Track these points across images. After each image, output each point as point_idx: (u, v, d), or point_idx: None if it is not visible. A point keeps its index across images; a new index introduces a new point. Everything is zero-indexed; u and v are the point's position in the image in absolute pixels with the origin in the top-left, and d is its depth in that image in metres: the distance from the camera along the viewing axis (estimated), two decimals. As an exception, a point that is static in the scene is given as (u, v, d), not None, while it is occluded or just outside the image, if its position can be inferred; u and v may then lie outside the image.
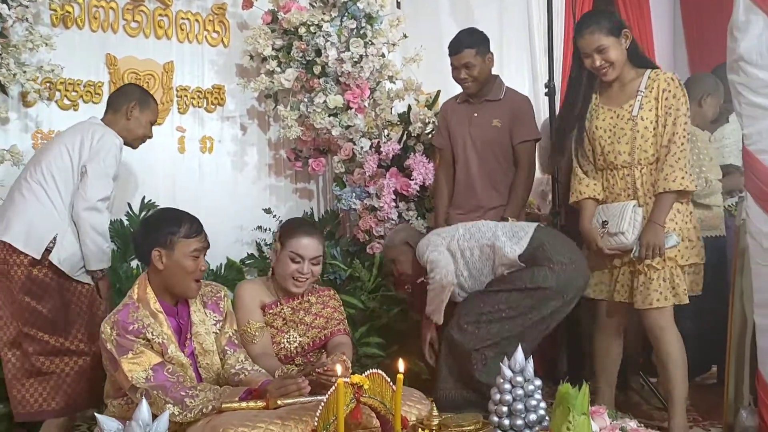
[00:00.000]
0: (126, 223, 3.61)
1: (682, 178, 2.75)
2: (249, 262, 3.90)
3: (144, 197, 3.68)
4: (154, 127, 3.65)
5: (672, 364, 2.81)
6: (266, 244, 3.96)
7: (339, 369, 1.83)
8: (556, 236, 3.01)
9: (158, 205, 3.62)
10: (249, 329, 2.52)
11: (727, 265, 3.36)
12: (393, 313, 3.67)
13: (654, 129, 2.82)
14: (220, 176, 3.98)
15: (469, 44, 3.31)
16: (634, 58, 2.89)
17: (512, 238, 2.89)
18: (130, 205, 3.63)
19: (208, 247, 2.36)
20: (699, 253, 2.84)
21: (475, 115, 3.37)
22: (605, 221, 2.87)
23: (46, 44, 3.18)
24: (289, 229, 2.66)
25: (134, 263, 3.59)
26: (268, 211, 3.95)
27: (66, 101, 3.51)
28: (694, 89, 3.32)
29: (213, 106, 3.95)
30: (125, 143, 3.05)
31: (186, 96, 3.86)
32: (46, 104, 3.41)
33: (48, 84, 3.40)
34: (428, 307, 2.97)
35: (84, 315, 2.84)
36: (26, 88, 3.19)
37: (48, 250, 2.76)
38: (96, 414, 1.58)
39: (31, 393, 2.71)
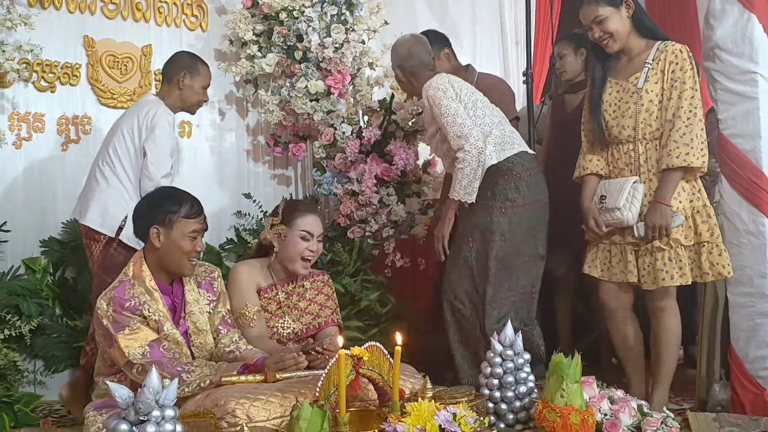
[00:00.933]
0: (104, 207, 3.57)
1: (686, 154, 2.59)
2: (228, 247, 3.90)
3: (122, 181, 3.64)
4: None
5: (666, 344, 2.74)
6: (245, 230, 3.96)
7: (340, 340, 1.86)
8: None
9: (137, 189, 3.59)
10: (247, 313, 2.51)
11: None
12: (373, 297, 3.72)
13: (659, 103, 2.68)
14: (198, 161, 3.97)
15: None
16: (642, 28, 2.75)
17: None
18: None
19: (206, 229, 2.37)
20: (711, 231, 2.64)
21: None
22: (603, 196, 2.78)
23: (25, 23, 3.13)
24: (294, 210, 2.65)
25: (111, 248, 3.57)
26: (248, 196, 3.95)
27: (43, 82, 3.46)
28: None
29: (191, 90, 3.92)
30: (184, 110, 3.20)
31: (164, 79, 3.83)
32: (23, 85, 3.36)
33: (25, 65, 3.34)
34: (457, 190, 2.83)
35: None
36: (5, 68, 3.13)
37: (120, 229, 2.94)
38: (108, 382, 1.58)
39: None
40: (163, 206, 2.31)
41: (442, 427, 1.78)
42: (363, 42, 3.80)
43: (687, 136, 2.59)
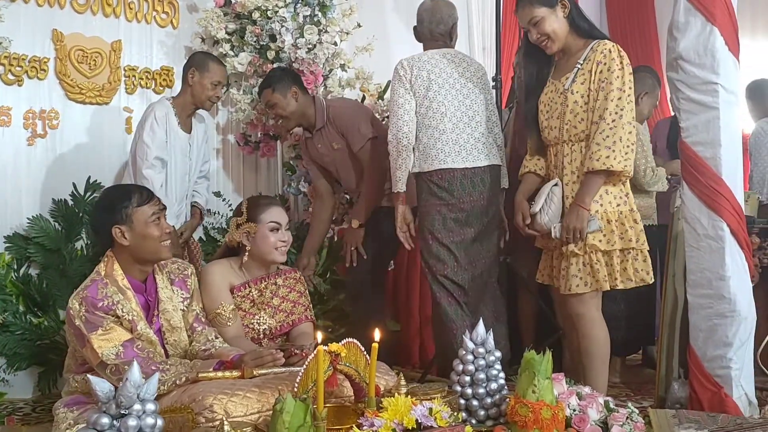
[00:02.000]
0: (71, 203, 3.53)
1: (607, 157, 2.56)
2: (196, 245, 3.88)
3: (89, 177, 3.60)
4: (101, 107, 3.62)
5: (587, 353, 2.70)
6: (213, 228, 3.95)
7: (319, 336, 1.88)
8: None
9: (104, 185, 3.56)
10: (223, 312, 2.51)
11: (657, 253, 3.62)
12: (341, 297, 3.75)
13: (585, 104, 2.67)
14: (167, 159, 3.94)
15: (267, 85, 3.34)
16: (579, 28, 2.75)
17: None
18: (75, 185, 3.55)
19: (164, 208, 2.34)
20: (636, 237, 2.66)
21: (319, 146, 3.43)
22: (530, 201, 2.80)
23: (-6, 16, 3.08)
24: (258, 205, 2.67)
25: (79, 244, 3.53)
26: (218, 194, 3.94)
27: (10, 76, 3.40)
28: (636, 84, 3.53)
29: (161, 88, 3.89)
30: (197, 106, 3.38)
31: (134, 76, 3.80)
32: (-9, 77, 3.30)
33: (-9, 57, 3.29)
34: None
35: None
36: (-26, 61, 3.07)
37: None
38: (89, 376, 1.58)
39: None
40: (114, 205, 2.28)
41: (419, 421, 1.82)
42: (335, 44, 3.83)
43: (610, 138, 2.59)
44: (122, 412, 1.52)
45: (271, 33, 3.70)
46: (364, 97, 3.89)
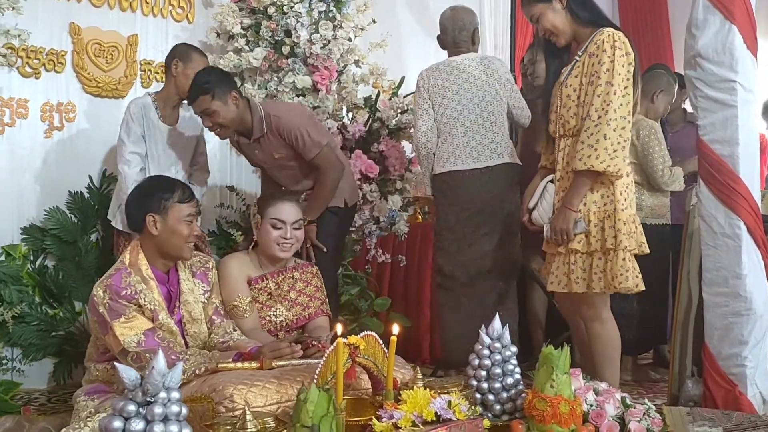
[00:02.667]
0: (87, 196, 3.55)
1: (589, 156, 2.46)
2: (210, 239, 3.90)
3: (105, 170, 3.63)
4: (117, 101, 3.64)
5: (597, 353, 2.68)
6: (227, 222, 3.97)
7: (339, 328, 1.90)
8: None
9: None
10: (240, 304, 2.52)
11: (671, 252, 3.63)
12: (354, 292, 3.77)
13: (578, 98, 2.57)
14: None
15: (204, 91, 2.89)
16: (580, 17, 2.64)
17: None
18: (91, 178, 3.58)
19: (199, 213, 2.39)
20: (622, 240, 2.53)
21: (257, 152, 3.14)
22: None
23: (13, 8, 3.10)
24: (266, 199, 2.70)
25: (94, 236, 3.56)
26: (231, 188, 3.96)
27: (28, 68, 3.42)
28: (648, 84, 3.53)
29: (176, 82, 3.91)
30: (182, 97, 3.22)
31: (150, 70, 3.83)
32: (7, 70, 3.32)
33: (9, 50, 3.30)
34: None
35: None
36: (-8, 52, 3.09)
37: None
38: (116, 364, 1.60)
39: None
40: (155, 194, 2.31)
41: (438, 414, 1.83)
42: (350, 39, 3.84)
43: (593, 137, 2.47)
44: (148, 399, 1.54)
45: (286, 28, 3.71)
46: (378, 93, 3.89)
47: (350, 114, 3.93)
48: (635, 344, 3.59)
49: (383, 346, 2.05)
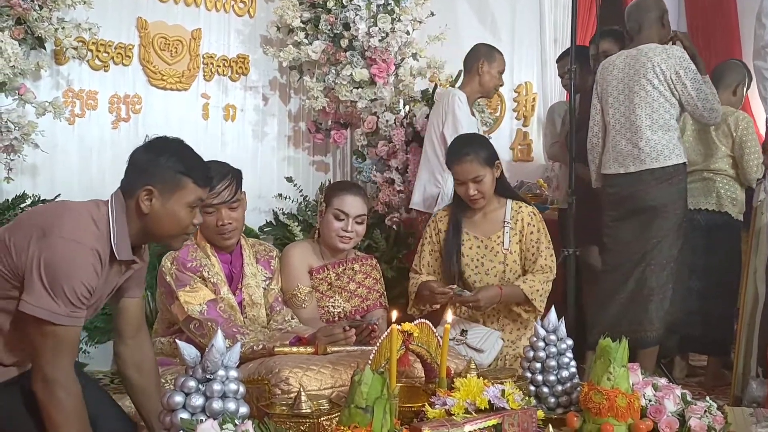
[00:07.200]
0: (151, 185, 3.66)
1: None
2: (267, 229, 3.97)
3: (168, 160, 3.72)
4: (180, 93, 3.73)
5: None
6: (284, 213, 4.03)
7: (394, 314, 1.91)
8: None
9: (182, 170, 3.67)
10: (299, 293, 2.55)
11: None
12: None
13: None
14: (241, 145, 4.05)
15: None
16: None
17: None
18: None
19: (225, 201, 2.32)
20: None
21: None
22: None
23: (84, 2, 3.21)
24: (334, 189, 2.71)
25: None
26: (290, 179, 4.02)
27: (97, 61, 3.55)
28: (729, 76, 3.44)
29: (237, 75, 4.01)
30: (483, 95, 3.58)
31: (212, 64, 3.92)
32: (78, 63, 3.45)
33: (80, 43, 3.43)
34: None
35: None
36: (64, 45, 3.21)
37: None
38: (177, 341, 1.65)
39: None
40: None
41: (491, 402, 1.83)
42: (408, 32, 3.84)
43: None
44: (208, 377, 1.58)
45: (345, 21, 3.74)
46: (435, 86, 3.89)
47: (407, 107, 3.93)
48: (688, 344, 3.52)
49: (437, 334, 2.06)
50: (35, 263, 1.64)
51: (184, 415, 1.53)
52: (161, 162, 1.84)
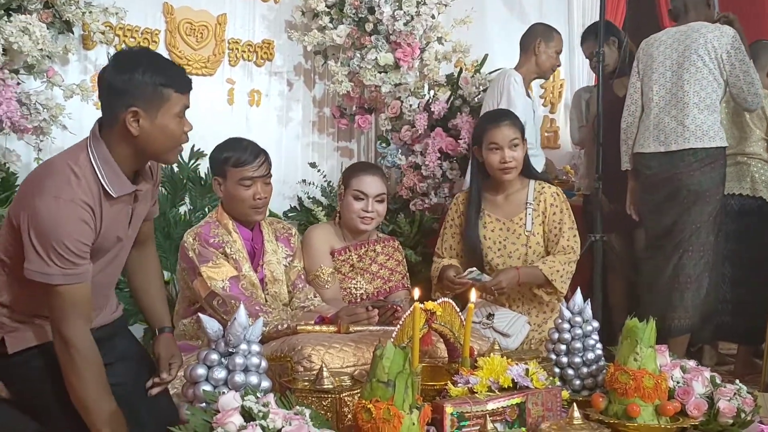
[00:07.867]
0: (176, 170, 3.68)
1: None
2: (291, 215, 3.98)
3: (193, 146, 3.74)
4: (206, 78, 3.73)
5: None
6: (308, 197, 4.04)
7: (417, 293, 1.90)
8: None
9: (206, 154, 3.69)
10: (321, 274, 2.56)
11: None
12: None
13: None
14: (266, 130, 4.04)
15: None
16: None
17: None
18: (179, 153, 3.70)
19: (265, 176, 2.42)
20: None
21: None
22: None
23: (111, -13, 3.23)
24: (351, 170, 2.71)
25: (182, 209, 3.68)
26: (313, 165, 4.02)
27: (124, 46, 3.56)
28: (763, 57, 3.37)
29: (262, 61, 4.00)
30: (539, 76, 3.58)
31: (237, 49, 3.92)
32: (105, 48, 3.48)
33: (108, 28, 3.46)
34: None
35: None
36: (92, 29, 3.24)
37: None
38: (200, 315, 1.66)
39: None
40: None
41: (515, 381, 1.81)
42: (433, 16, 3.81)
43: None
44: (230, 350, 1.58)
45: (370, 5, 3.72)
46: (461, 70, 3.86)
47: (432, 92, 3.91)
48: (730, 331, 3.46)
49: (460, 314, 2.04)
50: (24, 228, 1.66)
51: (207, 388, 1.54)
52: (137, 79, 1.72)
